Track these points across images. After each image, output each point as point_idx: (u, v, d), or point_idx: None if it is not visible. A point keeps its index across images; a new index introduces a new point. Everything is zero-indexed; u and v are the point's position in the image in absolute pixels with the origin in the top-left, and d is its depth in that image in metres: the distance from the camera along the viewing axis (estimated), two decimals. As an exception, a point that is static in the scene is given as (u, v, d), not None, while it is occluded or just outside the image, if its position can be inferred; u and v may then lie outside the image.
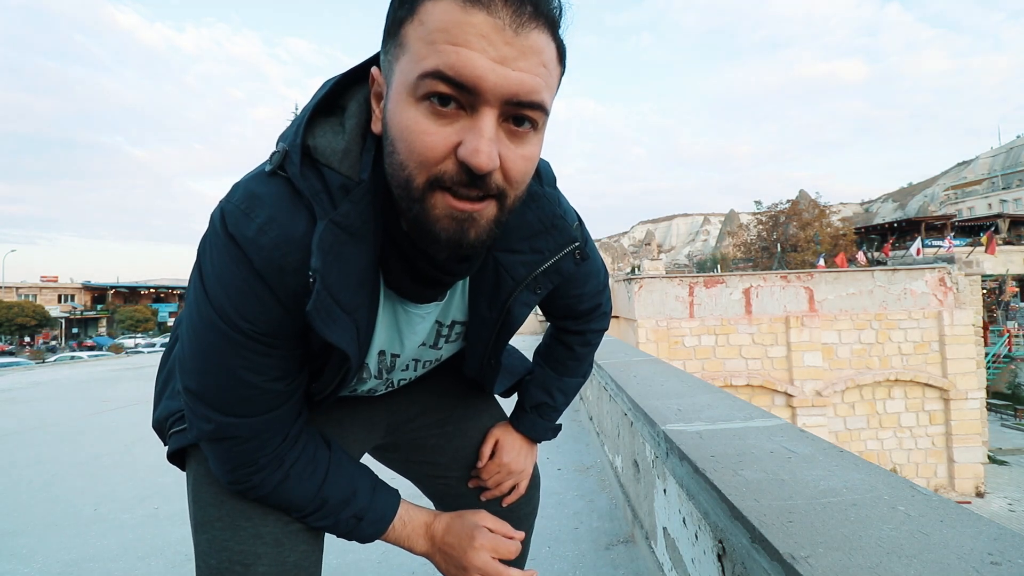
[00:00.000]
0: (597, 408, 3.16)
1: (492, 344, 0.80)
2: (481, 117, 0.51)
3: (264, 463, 0.68)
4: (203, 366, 0.62)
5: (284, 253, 0.57)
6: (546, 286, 0.74)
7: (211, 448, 0.68)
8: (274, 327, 0.60)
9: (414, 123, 0.52)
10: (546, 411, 0.99)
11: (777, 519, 0.74)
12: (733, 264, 41.29)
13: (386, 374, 0.79)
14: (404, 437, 0.98)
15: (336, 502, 0.73)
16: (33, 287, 47.16)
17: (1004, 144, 62.70)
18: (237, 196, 0.59)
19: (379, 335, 0.72)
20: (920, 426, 12.60)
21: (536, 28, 0.51)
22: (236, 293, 0.58)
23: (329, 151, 0.59)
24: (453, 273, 0.67)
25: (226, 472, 0.69)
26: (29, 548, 2.09)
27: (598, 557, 1.91)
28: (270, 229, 0.57)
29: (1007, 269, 25.69)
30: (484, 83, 0.49)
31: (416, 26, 0.51)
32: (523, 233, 0.70)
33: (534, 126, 0.55)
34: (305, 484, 0.71)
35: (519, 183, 0.56)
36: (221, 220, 0.58)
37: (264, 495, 0.70)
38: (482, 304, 0.75)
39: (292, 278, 0.58)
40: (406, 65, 0.52)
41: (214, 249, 0.59)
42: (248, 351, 0.60)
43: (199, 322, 0.60)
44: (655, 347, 12.38)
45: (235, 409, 0.64)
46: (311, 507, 0.72)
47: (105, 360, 11.32)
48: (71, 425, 4.38)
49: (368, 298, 0.65)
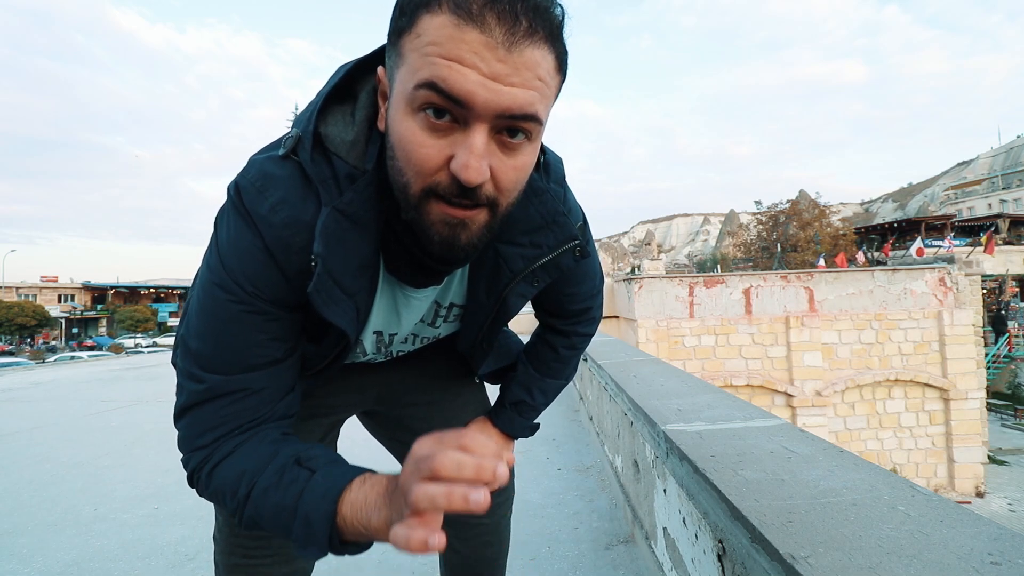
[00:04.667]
0: (597, 408, 3.16)
1: (487, 329, 0.82)
2: (472, 132, 0.52)
3: (241, 427, 0.64)
4: (208, 324, 0.65)
5: (292, 233, 0.61)
6: (544, 279, 0.76)
7: (194, 413, 0.65)
8: (277, 295, 0.64)
9: (411, 134, 0.54)
10: (525, 409, 1.00)
11: (777, 519, 0.74)
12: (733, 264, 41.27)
13: (384, 348, 0.84)
14: (392, 412, 1.03)
15: (285, 457, 0.63)
16: (33, 287, 47.12)
17: (1004, 144, 62.68)
18: (252, 173, 0.62)
19: (376, 316, 0.75)
20: (920, 426, 12.60)
21: (531, 44, 0.51)
22: (247, 261, 0.62)
23: (339, 141, 0.62)
24: (450, 263, 0.68)
25: (196, 436, 0.64)
26: (29, 548, 2.09)
27: (598, 557, 1.91)
28: (281, 209, 0.61)
29: (1007, 269, 25.68)
30: (475, 99, 0.50)
31: (413, 38, 0.52)
32: (524, 227, 0.72)
33: (528, 136, 0.56)
34: (260, 450, 0.64)
35: (510, 192, 0.58)
36: (237, 193, 0.62)
37: (218, 469, 0.64)
38: (480, 291, 0.78)
39: (297, 256, 0.62)
40: (404, 75, 0.54)
41: (230, 219, 0.63)
42: (252, 313, 0.63)
43: (210, 283, 0.64)
44: (655, 347, 12.38)
45: (230, 366, 0.64)
46: (264, 465, 0.62)
47: (105, 360, 11.32)
48: (71, 425, 4.38)
49: (368, 282, 0.68)
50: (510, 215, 0.62)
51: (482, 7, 0.49)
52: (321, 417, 0.96)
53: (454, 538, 1.07)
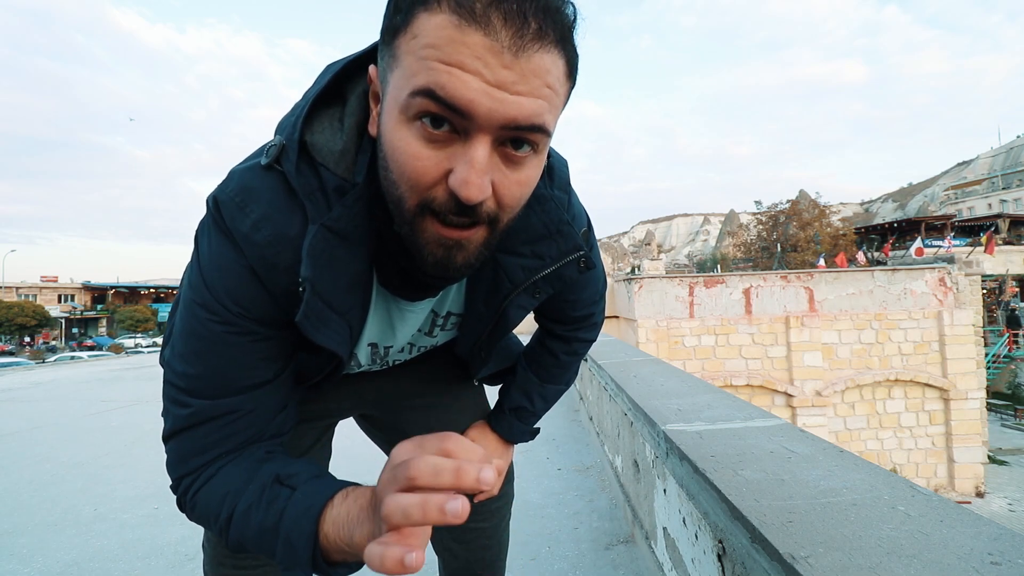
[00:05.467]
0: (597, 408, 3.16)
1: (486, 339, 0.80)
2: (473, 145, 0.48)
3: (230, 451, 0.62)
4: (192, 346, 0.61)
5: (277, 252, 0.57)
6: (546, 291, 0.72)
7: (181, 438, 0.62)
8: (265, 314, 0.60)
9: (406, 145, 0.49)
10: (524, 415, 0.98)
11: (777, 519, 0.74)
12: (733, 264, 41.25)
13: (380, 360, 0.82)
14: (389, 416, 1.02)
15: (265, 475, 0.61)
16: (33, 287, 47.13)
17: (1004, 144, 62.68)
18: (232, 187, 0.58)
19: (370, 329, 0.72)
20: (920, 426, 12.60)
21: (541, 48, 0.46)
22: (229, 280, 0.58)
23: (326, 151, 0.58)
24: (445, 280, 0.65)
25: (183, 461, 0.62)
26: (29, 548, 2.09)
27: (598, 557, 1.91)
28: (264, 227, 0.57)
29: (1007, 269, 25.66)
30: (477, 109, 0.46)
31: (409, 39, 0.47)
32: (526, 236, 0.68)
33: (534, 148, 0.51)
34: (241, 470, 0.61)
35: (512, 208, 0.54)
36: (216, 209, 0.58)
37: (202, 493, 0.62)
38: (478, 301, 0.75)
39: (283, 276, 0.58)
40: (399, 79, 0.49)
41: (211, 236, 0.59)
42: (238, 334, 0.60)
43: (192, 303, 0.60)
44: (655, 347, 12.38)
45: (216, 389, 0.61)
46: (245, 486, 0.60)
47: (105, 360, 11.32)
48: (71, 425, 4.38)
49: (361, 297, 0.65)
50: (511, 224, 0.58)
51: (486, 6, 0.44)
52: (315, 420, 0.94)
53: (452, 541, 1.06)
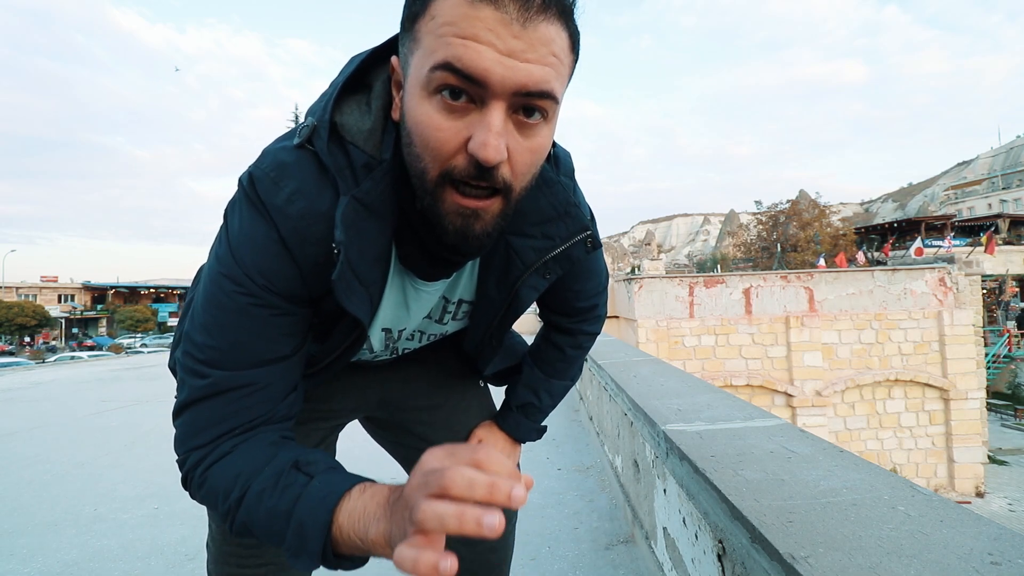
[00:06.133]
0: (597, 408, 3.16)
1: (497, 325, 0.82)
2: (490, 111, 0.52)
3: (242, 426, 0.62)
4: (215, 317, 0.63)
5: (308, 224, 0.60)
6: (556, 271, 0.75)
7: (196, 409, 0.63)
8: (289, 289, 0.63)
9: (428, 118, 0.54)
10: (531, 411, 0.99)
11: (777, 519, 0.74)
12: (733, 264, 41.29)
13: (392, 345, 0.83)
14: (395, 416, 1.01)
15: (283, 461, 0.61)
16: (33, 287, 47.12)
17: (1004, 144, 62.67)
18: (267, 163, 0.62)
19: (385, 310, 0.74)
20: (920, 426, 12.60)
21: (545, 20, 0.52)
22: (260, 254, 0.61)
23: (355, 130, 0.62)
24: (463, 253, 0.67)
25: (195, 434, 0.62)
26: (29, 548, 2.09)
27: (598, 557, 1.92)
28: (297, 199, 0.60)
29: (1007, 269, 25.65)
30: (491, 76, 0.51)
31: (427, 21, 0.53)
32: (535, 218, 0.71)
33: (544, 116, 0.56)
34: (257, 451, 0.62)
35: (525, 175, 0.58)
36: (251, 184, 0.61)
37: (213, 470, 0.62)
38: (491, 285, 0.77)
39: (313, 248, 0.61)
40: (419, 59, 0.54)
41: (242, 211, 0.62)
42: (262, 307, 0.62)
43: (219, 275, 0.62)
44: (655, 347, 12.38)
45: (236, 361, 0.62)
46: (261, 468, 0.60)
47: (105, 360, 11.32)
48: (71, 425, 4.38)
49: (381, 274, 0.67)
50: (521, 206, 0.62)
51: None
52: (320, 421, 0.94)
53: (458, 543, 1.06)
